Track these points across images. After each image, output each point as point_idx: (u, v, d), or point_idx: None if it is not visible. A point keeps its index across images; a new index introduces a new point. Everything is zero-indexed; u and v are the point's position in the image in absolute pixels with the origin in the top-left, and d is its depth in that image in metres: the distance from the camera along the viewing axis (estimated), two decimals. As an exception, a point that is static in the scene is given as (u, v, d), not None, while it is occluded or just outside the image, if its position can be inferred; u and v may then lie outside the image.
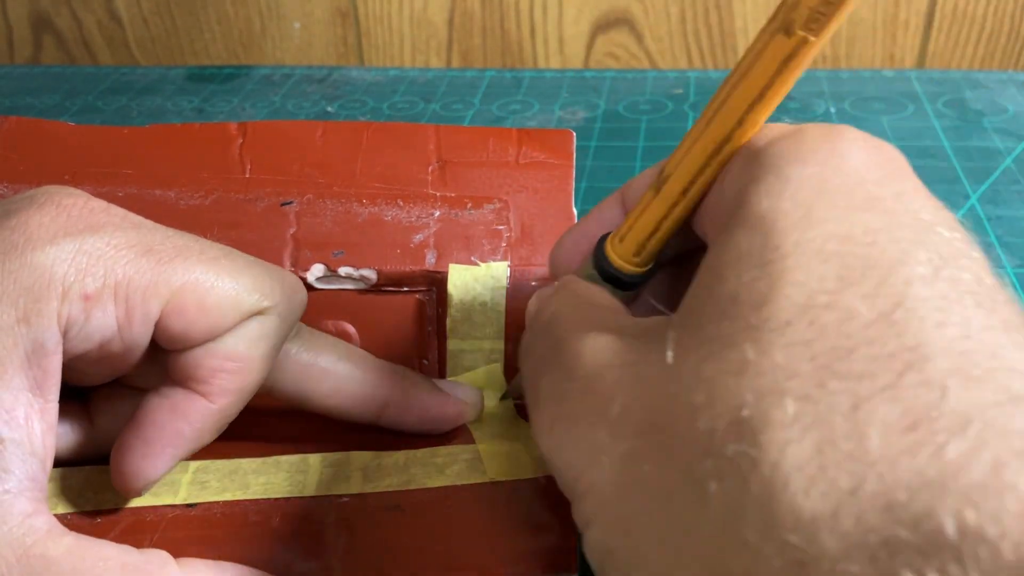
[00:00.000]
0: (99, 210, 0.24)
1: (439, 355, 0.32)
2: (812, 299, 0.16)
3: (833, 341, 0.15)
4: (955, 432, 0.13)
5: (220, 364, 0.24)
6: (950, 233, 0.17)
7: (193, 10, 0.67)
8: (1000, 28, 0.61)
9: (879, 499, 0.13)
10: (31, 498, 0.21)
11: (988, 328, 0.15)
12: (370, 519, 0.25)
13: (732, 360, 0.16)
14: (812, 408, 0.14)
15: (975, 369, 0.14)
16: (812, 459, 0.14)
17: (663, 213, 0.22)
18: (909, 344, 0.15)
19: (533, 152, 0.35)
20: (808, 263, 0.16)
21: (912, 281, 0.16)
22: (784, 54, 0.19)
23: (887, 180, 0.18)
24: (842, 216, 0.17)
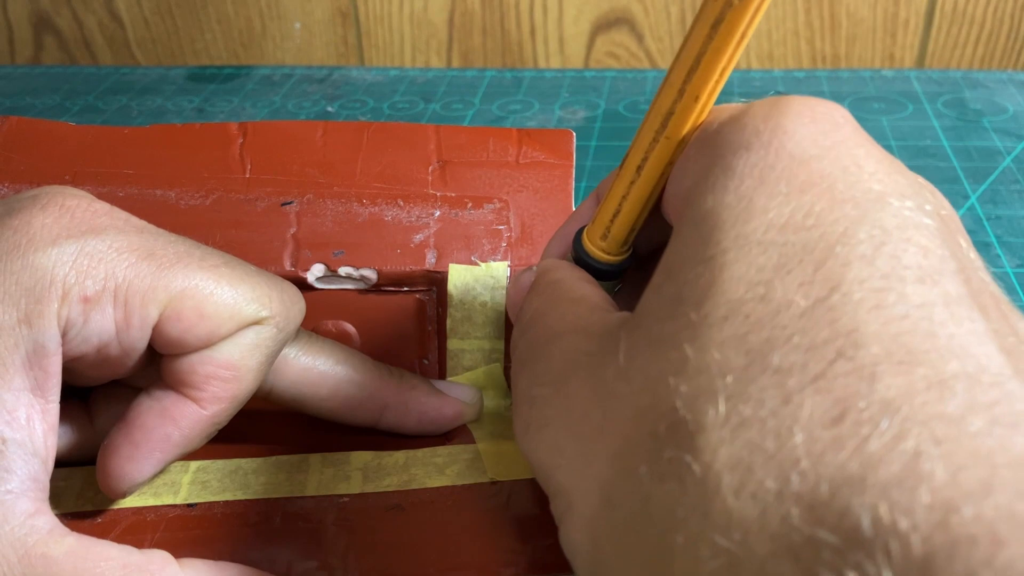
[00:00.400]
0: (102, 212, 0.24)
1: (439, 355, 0.32)
2: (749, 292, 0.16)
3: (767, 333, 0.15)
4: (879, 422, 0.13)
5: (214, 371, 0.24)
6: (900, 202, 0.16)
7: (194, 10, 0.67)
8: (1000, 28, 0.61)
9: (803, 499, 0.13)
10: (33, 498, 0.21)
11: (927, 305, 0.15)
12: (370, 519, 0.25)
13: (673, 360, 0.16)
14: (743, 406, 0.14)
15: (908, 352, 0.14)
16: (742, 461, 0.14)
17: (623, 192, 0.22)
18: (843, 330, 0.14)
19: (533, 152, 0.35)
20: (747, 255, 0.16)
21: (850, 262, 0.15)
22: (712, 17, 0.19)
23: (833, 153, 0.17)
24: (783, 203, 0.17)
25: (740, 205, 0.17)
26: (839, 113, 0.19)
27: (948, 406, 0.13)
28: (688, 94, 0.20)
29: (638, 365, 0.17)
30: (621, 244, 0.23)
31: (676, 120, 0.20)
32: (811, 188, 0.17)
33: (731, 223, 0.17)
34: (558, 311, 0.21)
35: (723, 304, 0.16)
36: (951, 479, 0.12)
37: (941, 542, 0.12)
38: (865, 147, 0.18)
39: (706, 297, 0.16)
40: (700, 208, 0.18)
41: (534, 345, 0.21)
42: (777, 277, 0.16)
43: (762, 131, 0.18)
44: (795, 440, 0.13)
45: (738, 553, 0.13)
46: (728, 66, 0.20)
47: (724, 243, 0.17)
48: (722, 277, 0.16)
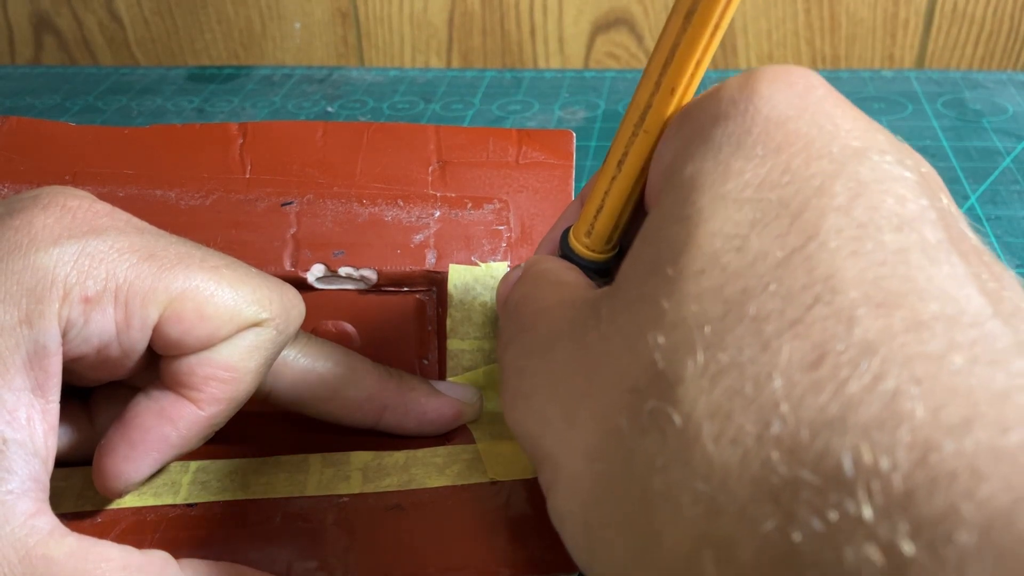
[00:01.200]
0: (103, 213, 0.24)
1: (439, 355, 0.32)
2: (725, 245, 0.16)
3: (744, 283, 0.15)
4: (858, 364, 0.13)
5: (213, 373, 0.24)
6: (879, 156, 0.16)
7: (193, 10, 0.67)
8: (1000, 28, 0.61)
9: (783, 442, 0.13)
10: (34, 498, 0.21)
11: (905, 250, 0.15)
12: (370, 519, 0.25)
13: (650, 315, 0.16)
14: (722, 354, 0.14)
15: (886, 295, 0.14)
16: (722, 407, 0.14)
17: (605, 188, 0.22)
18: (820, 277, 0.14)
19: (533, 152, 0.35)
20: (723, 212, 0.16)
21: (826, 213, 0.15)
22: (685, 8, 0.19)
23: (809, 113, 0.17)
24: (759, 164, 0.17)
25: (717, 170, 0.17)
26: (814, 77, 0.19)
27: (928, 346, 0.13)
28: (664, 86, 0.20)
29: (617, 325, 0.17)
30: (605, 241, 0.23)
31: (654, 113, 0.20)
32: (787, 147, 0.17)
33: (708, 186, 0.17)
34: (543, 292, 0.22)
35: (699, 258, 0.16)
36: (931, 417, 0.12)
37: (922, 479, 0.12)
38: (841, 107, 0.18)
39: (682, 252, 0.16)
40: (679, 177, 0.18)
41: (520, 324, 0.21)
42: (754, 231, 0.16)
43: (738, 100, 0.18)
44: (774, 385, 0.14)
45: (718, 498, 0.13)
46: (704, 57, 0.20)
47: (700, 203, 0.17)
48: (698, 232, 0.16)
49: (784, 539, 0.12)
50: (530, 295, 0.22)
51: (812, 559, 0.12)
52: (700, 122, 0.19)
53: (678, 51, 0.19)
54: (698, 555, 0.13)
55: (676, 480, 0.14)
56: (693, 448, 0.14)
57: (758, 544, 0.13)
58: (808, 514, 0.12)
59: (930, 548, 0.11)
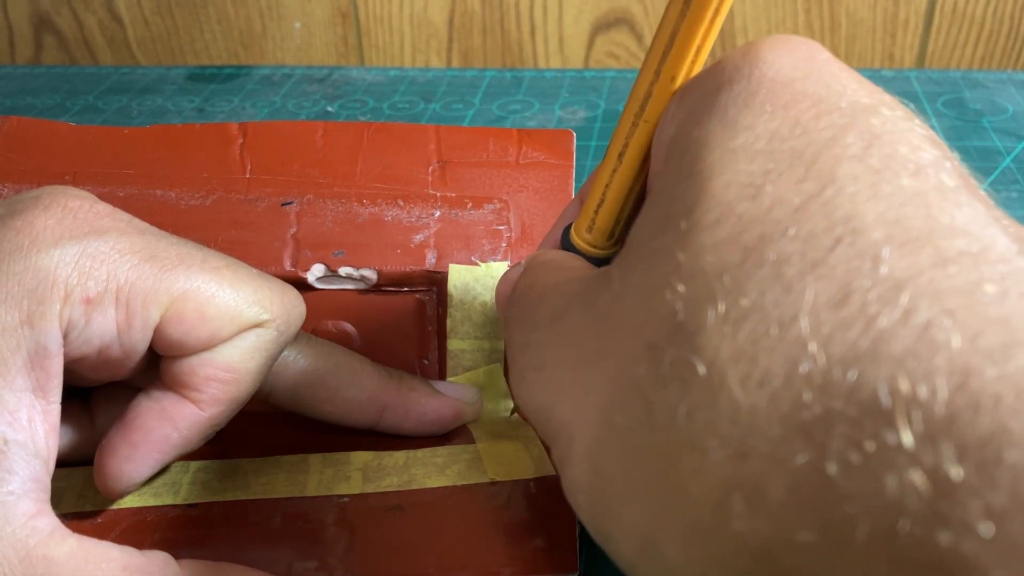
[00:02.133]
0: (104, 214, 0.24)
1: (439, 355, 0.32)
2: (740, 193, 0.15)
3: (761, 229, 0.15)
4: (888, 300, 0.13)
5: (214, 374, 0.24)
6: (891, 112, 0.16)
7: (194, 10, 0.67)
8: (1000, 28, 0.61)
9: (813, 379, 0.13)
10: (35, 499, 0.21)
11: (924, 193, 0.15)
12: (370, 519, 0.25)
13: (666, 270, 0.16)
14: (744, 300, 0.14)
15: (909, 234, 0.14)
16: (746, 351, 0.14)
17: (606, 181, 0.22)
18: (840, 219, 0.14)
19: (533, 152, 0.35)
20: (736, 165, 0.16)
21: (841, 161, 0.15)
22: None
23: (815, 74, 0.17)
24: (768, 119, 0.17)
25: (725, 128, 0.17)
26: (816, 44, 0.19)
27: (957, 280, 0.13)
28: (664, 75, 0.20)
29: (630, 284, 0.17)
30: (607, 236, 0.23)
31: (654, 102, 0.20)
32: (795, 104, 0.17)
33: (716, 143, 0.17)
34: (547, 277, 0.21)
35: (713, 208, 0.16)
36: (969, 345, 0.12)
37: (964, 403, 0.11)
38: (847, 71, 0.18)
39: (695, 205, 0.16)
40: (685, 140, 0.18)
41: (526, 305, 0.21)
42: (768, 180, 0.15)
43: (742, 65, 0.18)
44: (800, 325, 0.13)
45: (747, 440, 0.13)
46: (704, 44, 0.19)
47: (710, 158, 0.16)
48: (710, 184, 0.16)
49: (818, 473, 0.12)
50: (534, 282, 0.22)
51: (850, 491, 0.12)
52: (703, 92, 0.18)
53: (677, 38, 0.19)
54: (727, 500, 0.13)
55: (701, 427, 0.14)
56: (718, 394, 0.14)
57: (791, 481, 0.12)
58: (844, 446, 0.12)
59: (980, 469, 0.11)
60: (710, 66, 0.19)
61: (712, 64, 0.19)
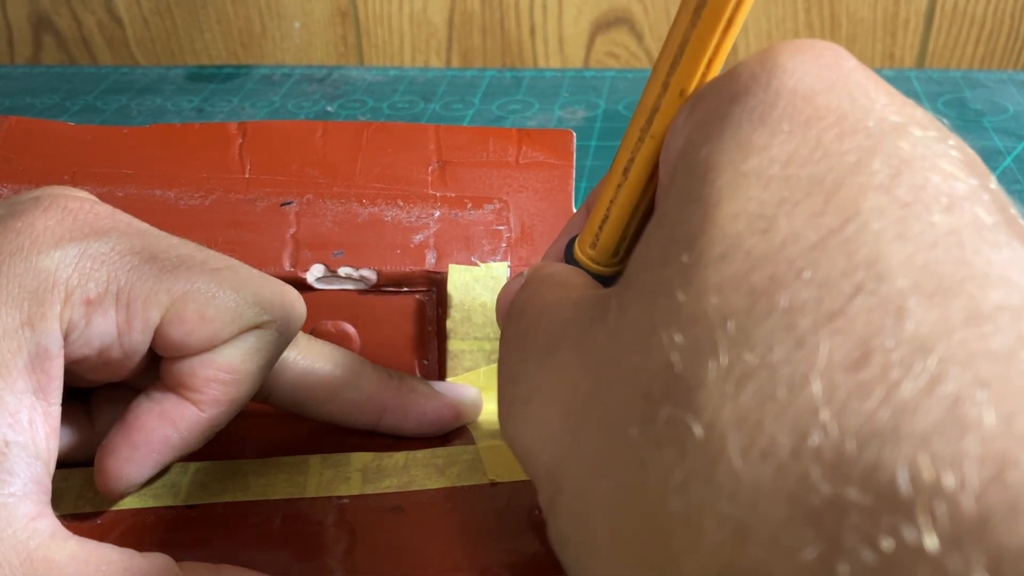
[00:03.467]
0: (104, 215, 0.24)
1: (439, 355, 0.32)
2: (749, 226, 0.14)
3: (772, 270, 0.13)
4: (912, 364, 0.11)
5: (214, 375, 0.24)
6: (922, 132, 0.15)
7: (193, 10, 0.67)
8: (1000, 28, 0.61)
9: (824, 455, 0.11)
10: (35, 501, 0.21)
11: (956, 232, 0.13)
12: (370, 520, 0.25)
13: (664, 309, 0.14)
14: (750, 354, 0.12)
15: (940, 282, 0.12)
16: (750, 415, 0.12)
17: (611, 196, 0.21)
18: (862, 261, 0.13)
19: (533, 152, 0.35)
20: (746, 191, 0.14)
21: (865, 191, 0.13)
22: (694, 3, 0.17)
23: (840, 85, 0.16)
24: (786, 140, 0.15)
25: (738, 147, 0.15)
26: (841, 49, 0.17)
27: (992, 342, 0.11)
28: (672, 88, 0.18)
29: (627, 321, 0.15)
30: (612, 253, 0.22)
31: (661, 116, 0.19)
32: (817, 122, 0.15)
33: (727, 163, 0.15)
34: (546, 295, 0.20)
35: (719, 241, 0.14)
36: (1004, 426, 0.10)
37: (998, 500, 0.10)
38: (874, 80, 0.16)
39: (699, 236, 0.14)
40: (692, 158, 0.16)
41: (520, 327, 0.19)
42: (781, 210, 0.14)
43: (759, 74, 0.16)
44: (811, 389, 0.12)
45: (747, 521, 0.12)
46: (716, 57, 0.18)
47: (719, 183, 0.15)
48: (717, 213, 0.14)
49: (827, 572, 0.11)
50: (532, 298, 0.20)
51: None
52: (716, 102, 0.17)
53: (687, 49, 0.18)
54: None
55: (697, 500, 0.12)
56: (717, 463, 0.12)
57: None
58: (857, 542, 0.10)
59: None
60: (724, 73, 0.17)
61: (726, 72, 0.17)
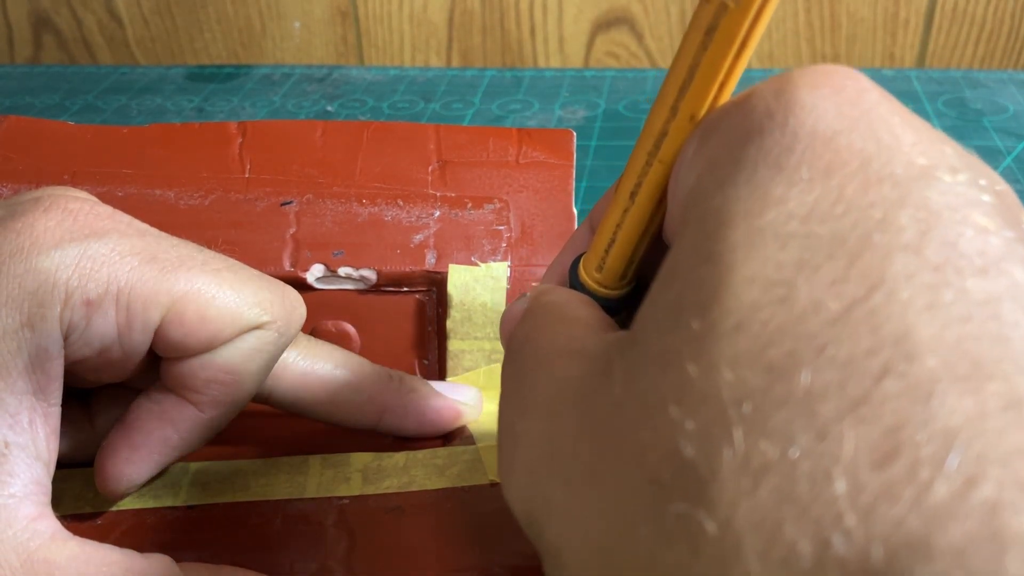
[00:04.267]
0: (104, 215, 0.24)
1: (439, 355, 0.32)
2: (766, 294, 0.13)
3: (791, 345, 0.12)
4: (943, 460, 0.10)
5: (215, 375, 0.24)
6: (950, 177, 0.14)
7: (193, 9, 0.67)
8: (1000, 28, 0.61)
9: (849, 566, 0.10)
10: (36, 502, 0.21)
11: (994, 301, 0.12)
12: (370, 521, 0.25)
13: (674, 382, 0.13)
14: (767, 443, 0.11)
15: (974, 363, 0.11)
16: (769, 515, 0.11)
17: (616, 221, 0.20)
18: (889, 337, 0.12)
19: (533, 152, 0.34)
20: (762, 251, 0.13)
21: (893, 253, 0.12)
22: (705, 24, 0.16)
23: (864, 123, 0.15)
24: (805, 190, 0.14)
25: (753, 197, 0.14)
26: (862, 79, 0.16)
27: None
28: (682, 113, 0.17)
29: (634, 391, 0.14)
30: (619, 277, 0.21)
31: (670, 142, 0.18)
32: (839, 169, 0.14)
33: (742, 216, 0.14)
34: (549, 332, 0.19)
35: (734, 309, 0.13)
36: None
37: None
38: (900, 114, 0.15)
39: (712, 301, 0.13)
40: (705, 206, 0.15)
41: (521, 372, 0.18)
42: (801, 275, 0.13)
43: (775, 110, 0.15)
44: (835, 488, 0.11)
45: None
46: (728, 80, 0.17)
47: (733, 238, 0.14)
48: (731, 277, 0.13)
49: None
50: (533, 336, 0.19)
51: None
52: (729, 139, 0.16)
53: (698, 73, 0.17)
54: None
55: None
56: (732, 568, 0.11)
57: None
58: None
59: None
60: (737, 102, 0.16)
61: (739, 99, 0.16)
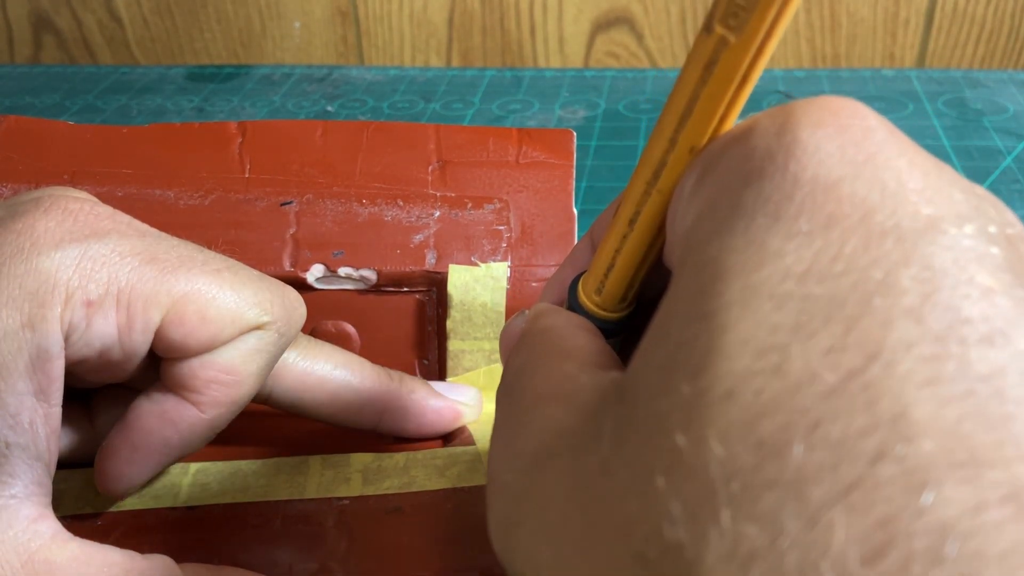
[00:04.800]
0: (105, 216, 0.24)
1: (439, 355, 0.32)
2: (759, 360, 0.12)
3: (784, 418, 0.11)
4: (938, 557, 0.10)
5: (215, 376, 0.24)
6: (956, 229, 0.13)
7: (193, 9, 0.67)
8: (1000, 28, 0.61)
9: None
10: (36, 503, 0.21)
11: (997, 374, 0.11)
12: (370, 521, 0.25)
13: (663, 452, 0.12)
14: (754, 528, 0.11)
15: (973, 448, 0.11)
16: None
17: (616, 246, 0.19)
18: (885, 416, 0.11)
19: (533, 152, 0.34)
20: (756, 312, 0.13)
21: (893, 320, 0.12)
22: (705, 58, 0.16)
23: (868, 169, 0.14)
24: (804, 243, 0.13)
25: (750, 249, 0.14)
26: (869, 115, 0.15)
27: None
28: (681, 144, 0.17)
29: (623, 455, 0.13)
30: (619, 300, 0.20)
31: (669, 172, 0.17)
32: (840, 221, 0.13)
33: (737, 271, 0.13)
34: (544, 369, 0.18)
35: (725, 376, 0.12)
36: None
37: None
38: (907, 155, 0.14)
39: (704, 366, 0.13)
40: (701, 254, 0.14)
41: (513, 411, 0.17)
42: (796, 341, 0.12)
43: (776, 152, 0.14)
44: None
45: None
46: (729, 113, 0.16)
47: (727, 295, 0.13)
48: (724, 340, 0.13)
49: None
50: (529, 368, 0.18)
51: None
52: (728, 180, 0.15)
53: (697, 106, 0.16)
54: None
55: None
56: None
57: None
58: None
59: None
60: (738, 136, 0.16)
61: (741, 133, 0.16)
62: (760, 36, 0.15)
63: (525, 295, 0.32)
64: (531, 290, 0.32)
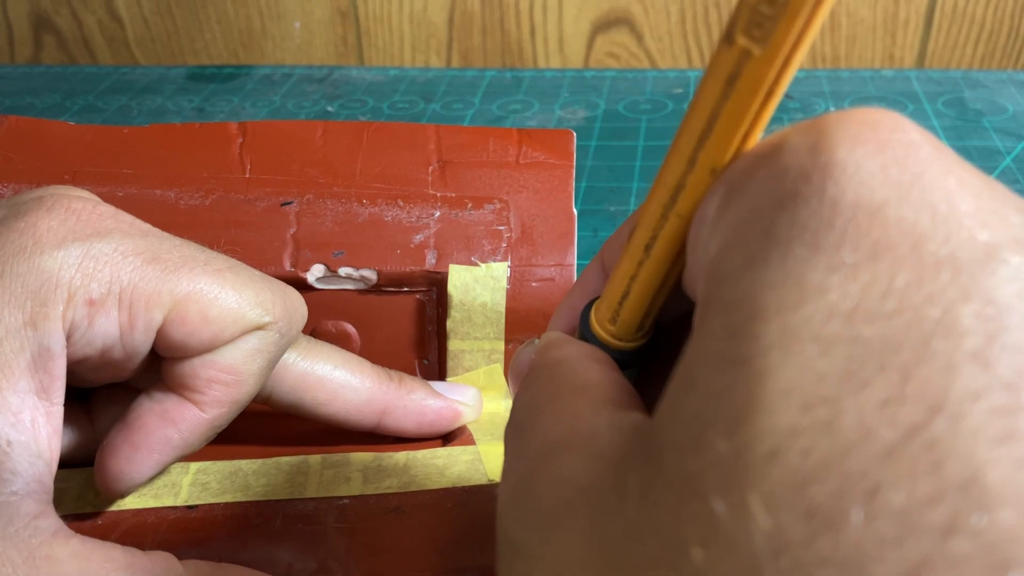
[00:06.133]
0: (107, 215, 0.24)
1: (439, 356, 0.32)
2: (806, 415, 0.11)
3: (837, 484, 0.10)
4: None
5: (216, 376, 0.24)
6: (1018, 257, 0.11)
7: (193, 10, 0.67)
8: (1000, 28, 0.61)
9: None
10: (38, 500, 0.21)
11: None
12: (371, 521, 0.25)
13: (697, 518, 0.11)
14: None
15: None
16: None
17: (631, 273, 0.18)
18: (954, 480, 0.10)
19: (533, 152, 0.35)
20: (799, 357, 0.11)
21: (956, 366, 0.10)
22: (727, 71, 0.14)
23: (915, 191, 0.12)
24: (849, 277, 0.12)
25: (787, 284, 0.12)
26: (910, 128, 0.13)
27: None
28: (701, 165, 0.16)
29: (651, 520, 0.12)
30: (635, 329, 0.19)
31: (688, 195, 0.16)
32: (888, 251, 0.12)
33: (775, 310, 0.12)
34: (556, 407, 0.16)
35: (767, 433, 0.11)
36: None
37: None
38: (955, 173, 0.13)
39: (741, 420, 0.11)
40: (731, 290, 0.13)
41: (524, 458, 0.16)
42: (847, 392, 0.11)
43: (811, 172, 0.13)
44: None
45: None
46: (753, 129, 0.15)
47: (765, 339, 0.12)
48: (763, 390, 0.11)
49: None
50: (540, 407, 0.17)
51: None
52: (757, 205, 0.13)
53: (718, 124, 0.15)
54: None
55: None
56: None
57: None
58: None
59: None
60: (765, 155, 0.14)
61: (768, 151, 0.14)
62: (787, 47, 0.14)
63: (525, 295, 0.32)
64: (531, 290, 0.32)
